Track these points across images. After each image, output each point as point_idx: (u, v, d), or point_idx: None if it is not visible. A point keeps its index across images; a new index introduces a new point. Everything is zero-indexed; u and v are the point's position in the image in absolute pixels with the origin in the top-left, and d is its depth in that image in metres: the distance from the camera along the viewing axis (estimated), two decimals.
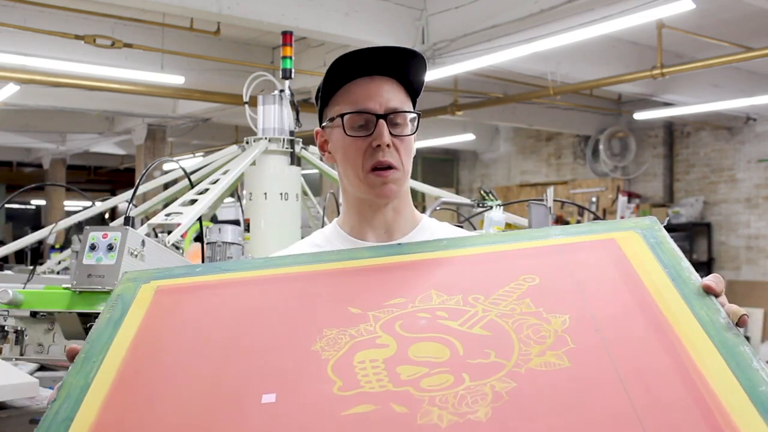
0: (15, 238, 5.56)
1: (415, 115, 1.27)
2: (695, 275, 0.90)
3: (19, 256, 6.82)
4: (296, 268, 1.06)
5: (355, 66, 1.24)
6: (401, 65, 1.24)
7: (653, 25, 5.95)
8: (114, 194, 12.63)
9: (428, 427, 0.74)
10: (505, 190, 11.00)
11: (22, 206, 17.38)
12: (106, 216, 4.50)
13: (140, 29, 6.28)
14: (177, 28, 6.14)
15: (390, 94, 1.23)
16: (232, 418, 0.81)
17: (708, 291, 0.87)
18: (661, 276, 0.91)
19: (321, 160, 3.49)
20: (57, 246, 6.00)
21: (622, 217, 4.26)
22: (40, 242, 3.88)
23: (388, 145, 1.21)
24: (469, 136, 10.61)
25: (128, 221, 2.06)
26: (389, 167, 1.22)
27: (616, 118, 9.87)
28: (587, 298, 0.91)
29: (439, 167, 12.47)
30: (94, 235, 1.97)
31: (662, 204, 9.61)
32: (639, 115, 8.71)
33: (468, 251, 1.04)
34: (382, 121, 1.21)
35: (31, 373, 2.47)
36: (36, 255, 4.96)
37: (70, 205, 13.57)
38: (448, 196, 3.66)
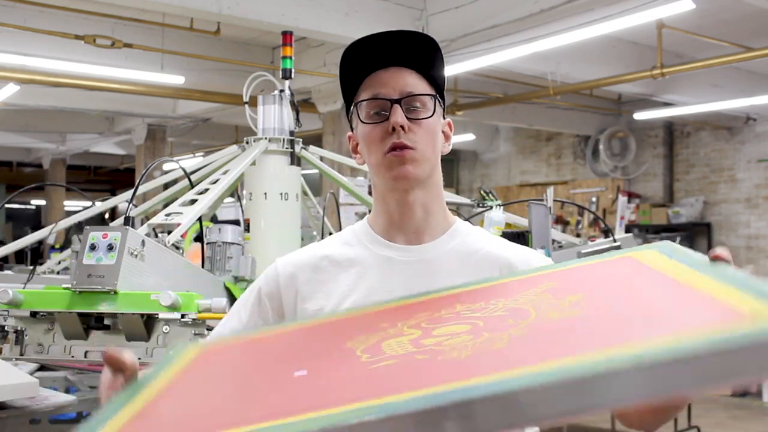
0: (15, 238, 5.56)
1: (432, 96, 1.24)
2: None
3: (19, 256, 6.82)
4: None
5: (367, 61, 1.24)
6: (418, 54, 1.24)
7: (653, 25, 5.94)
8: (114, 194, 12.63)
9: (449, 362, 0.77)
10: (505, 190, 11.00)
11: (22, 206, 17.38)
12: (106, 216, 4.50)
13: (140, 29, 6.28)
14: (177, 28, 6.14)
15: (406, 80, 1.23)
16: (265, 388, 0.84)
17: (717, 259, 0.86)
18: (688, 270, 0.89)
19: (321, 159, 3.49)
20: (57, 246, 6.00)
21: (622, 218, 4.25)
22: (40, 242, 3.88)
23: (402, 127, 1.20)
24: (469, 136, 10.61)
25: (128, 221, 2.06)
26: (405, 147, 1.21)
27: (616, 118, 9.87)
28: (606, 285, 0.93)
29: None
30: (94, 235, 1.97)
31: (662, 204, 9.61)
32: (639, 115, 8.71)
33: (492, 283, 1.06)
34: (396, 105, 1.20)
35: (31, 373, 2.47)
36: (36, 255, 4.96)
37: (70, 205, 13.57)
38: (448, 196, 3.66)
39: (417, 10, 5.87)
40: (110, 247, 1.94)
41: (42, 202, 15.78)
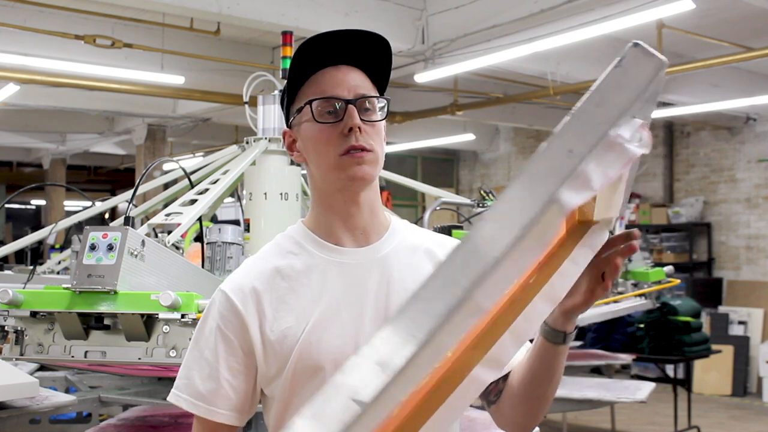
0: (15, 238, 5.56)
1: (384, 101, 1.24)
2: None
3: (19, 256, 6.82)
4: None
5: (319, 57, 1.22)
6: (366, 53, 1.23)
7: (653, 25, 5.94)
8: (114, 194, 12.63)
9: None
10: None
11: (22, 206, 17.37)
12: (106, 216, 4.49)
13: (140, 29, 6.28)
14: (177, 28, 6.13)
15: (357, 81, 1.22)
16: None
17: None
18: None
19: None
20: (57, 246, 5.99)
21: (621, 218, 4.25)
22: (40, 242, 3.88)
23: (360, 129, 1.19)
24: (469, 136, 10.61)
25: (128, 221, 2.06)
26: (363, 149, 1.19)
27: None
28: None
29: (439, 167, 12.48)
30: (94, 235, 1.97)
31: (662, 204, 9.61)
32: None
33: None
34: (351, 106, 1.19)
35: (31, 373, 2.48)
36: (36, 255, 4.96)
37: (70, 205, 13.56)
38: (448, 196, 3.67)
39: (417, 10, 5.86)
40: (110, 247, 1.94)
41: (42, 202, 15.77)
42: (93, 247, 1.95)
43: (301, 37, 6.48)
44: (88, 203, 3.60)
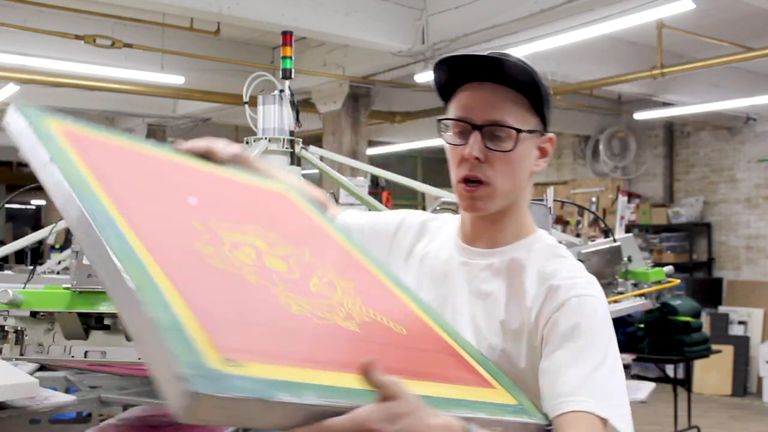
0: (15, 238, 5.56)
1: (516, 131, 1.16)
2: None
3: (19, 256, 6.82)
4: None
5: (466, 71, 1.19)
6: (516, 77, 1.17)
7: (653, 25, 5.95)
8: None
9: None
10: None
11: (22, 206, 17.36)
12: None
13: (140, 29, 6.28)
14: (177, 28, 6.13)
15: (497, 103, 1.17)
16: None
17: None
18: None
19: (321, 159, 3.48)
20: (57, 246, 6.00)
21: (621, 218, 4.26)
22: (40, 242, 3.88)
23: (477, 158, 1.15)
24: None
25: None
26: (478, 182, 1.17)
27: (616, 118, 9.87)
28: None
29: (439, 167, 12.45)
30: None
31: (662, 204, 9.61)
32: (639, 115, 8.71)
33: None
34: (476, 133, 1.16)
35: (31, 373, 2.47)
36: (36, 255, 4.96)
37: None
38: (448, 196, 3.66)
39: (417, 10, 5.86)
40: None
41: (42, 202, 15.77)
42: None
43: (301, 37, 6.45)
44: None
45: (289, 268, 1.07)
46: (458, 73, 1.20)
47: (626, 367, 8.09)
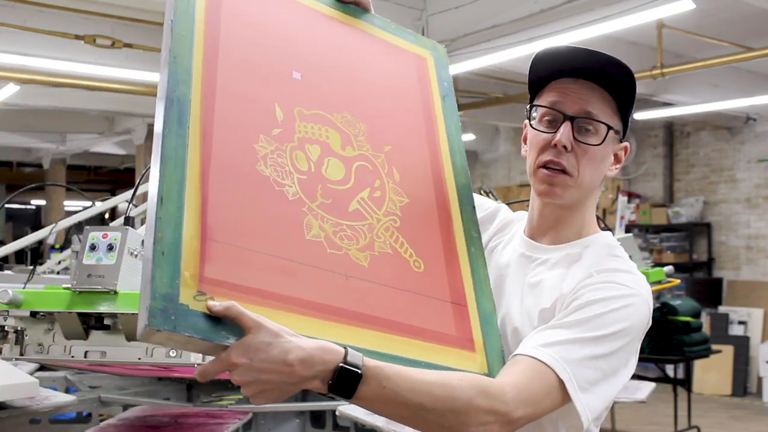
0: (15, 238, 5.56)
1: (607, 127, 1.20)
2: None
3: (19, 256, 6.81)
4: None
5: (562, 66, 1.22)
6: (615, 77, 1.21)
7: (653, 25, 5.94)
8: (114, 194, 12.62)
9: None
10: (505, 190, 11.00)
11: (22, 206, 17.37)
12: (106, 216, 4.50)
13: (140, 29, 6.28)
14: None
15: (589, 99, 1.20)
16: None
17: None
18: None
19: None
20: (57, 246, 5.99)
21: (622, 218, 4.26)
22: (40, 242, 3.88)
23: (565, 147, 1.17)
24: (469, 136, 10.62)
25: (128, 221, 2.06)
26: (562, 171, 1.19)
27: None
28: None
29: None
30: (94, 235, 1.97)
31: (662, 204, 9.61)
32: (639, 115, 8.71)
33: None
34: (567, 123, 1.18)
35: (31, 373, 2.48)
36: (36, 255, 4.96)
37: (70, 205, 13.57)
38: None
39: (417, 10, 5.86)
40: (110, 247, 1.94)
41: (42, 202, 15.77)
42: (93, 247, 1.95)
43: None
44: (88, 203, 3.61)
45: (347, 174, 1.11)
46: (554, 66, 1.22)
47: None
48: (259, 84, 1.09)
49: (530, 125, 1.24)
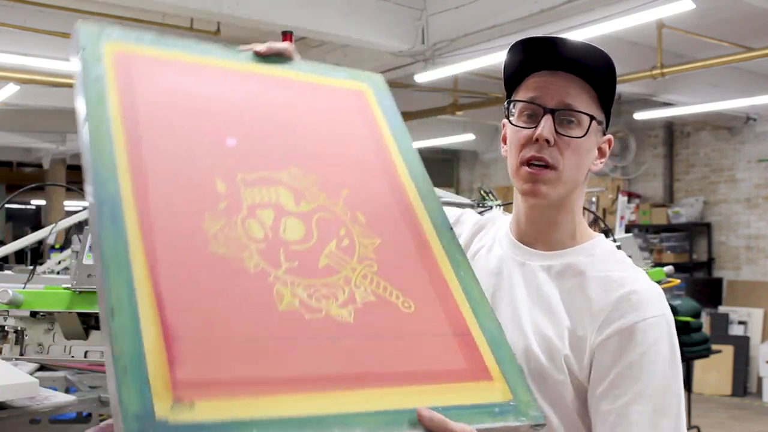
0: (15, 238, 5.56)
1: (590, 117, 1.16)
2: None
3: (19, 256, 6.82)
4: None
5: (539, 58, 1.18)
6: (592, 65, 1.17)
7: (653, 25, 5.94)
8: None
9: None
10: (505, 190, 11.00)
11: (22, 206, 17.36)
12: None
13: (140, 29, 6.28)
14: (177, 28, 6.13)
15: (569, 90, 1.16)
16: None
17: None
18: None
19: None
20: (57, 246, 6.00)
21: (622, 218, 4.26)
22: (40, 242, 3.88)
23: (547, 141, 1.13)
24: (469, 136, 10.61)
25: None
26: (545, 166, 1.14)
27: (616, 118, 9.86)
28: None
29: (439, 167, 12.47)
30: None
31: (662, 204, 9.61)
32: (639, 115, 8.71)
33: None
34: (548, 116, 1.14)
35: (31, 373, 2.47)
36: (36, 255, 4.96)
37: (70, 205, 13.56)
38: (448, 196, 3.66)
39: (417, 10, 5.86)
40: None
41: (42, 202, 15.76)
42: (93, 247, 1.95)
43: (301, 37, 6.44)
44: (88, 203, 3.60)
45: (308, 231, 1.04)
46: (531, 59, 1.18)
47: None
48: (192, 160, 1.02)
49: (509, 122, 1.20)
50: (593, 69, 1.17)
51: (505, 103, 1.23)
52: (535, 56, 1.17)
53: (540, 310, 1.17)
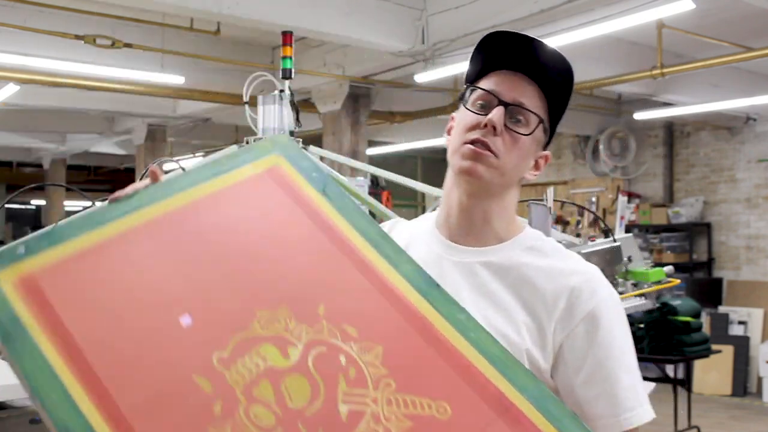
0: (15, 238, 5.55)
1: (539, 118, 1.21)
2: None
3: None
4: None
5: (502, 58, 1.21)
6: (553, 75, 1.21)
7: (653, 25, 5.94)
8: None
9: None
10: None
11: (22, 206, 17.36)
12: None
13: (140, 29, 6.28)
14: (177, 28, 6.13)
15: (525, 92, 1.20)
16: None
17: None
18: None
19: (321, 160, 3.48)
20: None
21: (622, 218, 4.24)
22: None
23: (495, 128, 1.16)
24: None
25: None
26: (488, 149, 1.17)
27: (616, 118, 9.87)
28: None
29: (439, 167, 12.46)
30: None
31: (662, 204, 9.61)
32: (639, 115, 8.71)
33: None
34: (500, 107, 1.18)
35: None
36: None
37: (70, 205, 13.56)
38: None
39: (417, 10, 5.86)
40: None
41: (42, 202, 15.76)
42: None
43: (301, 37, 6.43)
44: (88, 203, 3.60)
45: (312, 385, 0.94)
46: (497, 56, 1.22)
47: None
48: (157, 365, 0.90)
49: (463, 107, 1.22)
50: (554, 80, 1.21)
51: (463, 90, 1.26)
52: (503, 54, 1.21)
53: (491, 308, 1.17)
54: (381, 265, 1.08)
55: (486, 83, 1.22)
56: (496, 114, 1.17)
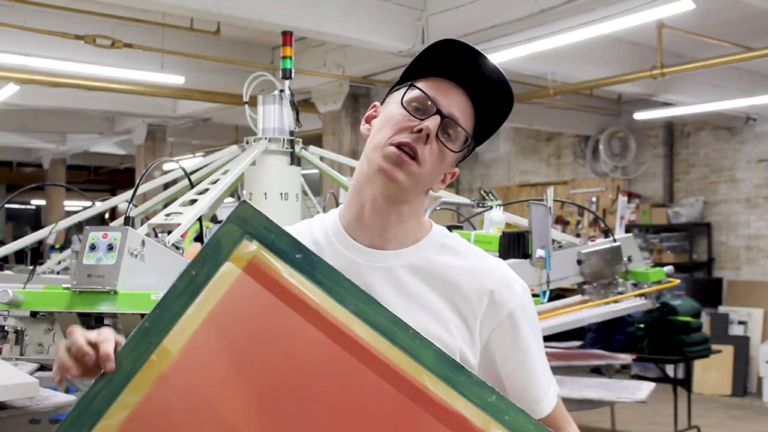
0: (15, 238, 5.55)
1: (468, 139, 1.21)
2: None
3: (19, 256, 6.80)
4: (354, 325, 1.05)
5: (448, 67, 1.21)
6: (490, 97, 1.21)
7: (653, 25, 5.94)
8: (114, 194, 12.61)
9: None
10: (505, 190, 11.00)
11: (22, 206, 17.36)
12: (106, 216, 4.50)
13: (140, 29, 6.28)
14: (177, 28, 6.13)
15: (463, 110, 1.20)
16: None
17: None
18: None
19: (321, 159, 3.48)
20: (57, 246, 5.98)
21: (622, 218, 4.24)
22: (40, 242, 3.88)
23: (428, 136, 1.16)
24: None
25: (128, 221, 2.06)
26: (413, 158, 1.16)
27: (616, 118, 9.87)
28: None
29: None
30: (94, 235, 1.97)
31: (662, 204, 9.61)
32: (639, 115, 8.71)
33: None
34: (437, 117, 1.17)
35: (31, 373, 2.47)
36: (36, 255, 4.95)
37: (70, 205, 13.56)
38: (447, 196, 3.67)
39: (417, 10, 5.86)
40: (110, 247, 1.94)
41: (42, 202, 15.76)
42: (93, 247, 1.95)
43: (301, 37, 6.43)
44: (88, 203, 3.60)
45: None
46: (442, 63, 1.22)
47: (626, 367, 8.10)
48: None
49: (400, 101, 1.19)
50: (489, 102, 1.21)
51: (397, 87, 1.24)
52: (450, 63, 1.21)
53: (419, 311, 1.17)
54: (402, 361, 1.04)
55: (426, 86, 1.20)
56: (433, 123, 1.16)
